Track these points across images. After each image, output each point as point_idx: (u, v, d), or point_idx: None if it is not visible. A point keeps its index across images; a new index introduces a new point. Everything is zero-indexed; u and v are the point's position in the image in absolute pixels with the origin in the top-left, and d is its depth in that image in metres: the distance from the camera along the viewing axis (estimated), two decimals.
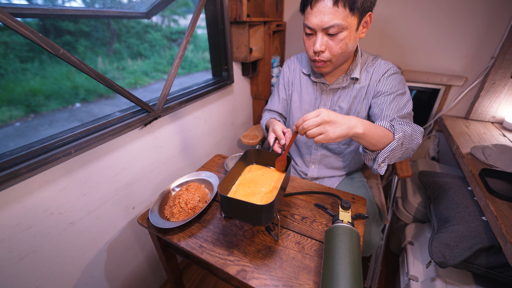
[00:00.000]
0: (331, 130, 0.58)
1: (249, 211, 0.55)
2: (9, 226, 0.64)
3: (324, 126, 0.58)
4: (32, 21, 0.74)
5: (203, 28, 1.27)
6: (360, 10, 0.68)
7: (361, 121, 0.63)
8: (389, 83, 0.80)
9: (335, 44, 0.72)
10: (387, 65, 0.83)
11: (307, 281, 0.54)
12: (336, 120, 0.59)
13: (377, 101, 0.81)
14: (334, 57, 0.75)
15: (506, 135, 1.17)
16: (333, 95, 0.90)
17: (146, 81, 1.29)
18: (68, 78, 0.94)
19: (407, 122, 0.74)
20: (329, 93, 0.90)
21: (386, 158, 0.67)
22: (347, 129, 0.60)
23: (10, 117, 0.80)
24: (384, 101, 0.79)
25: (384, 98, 0.80)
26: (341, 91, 0.88)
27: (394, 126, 0.68)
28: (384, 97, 0.80)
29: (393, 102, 0.77)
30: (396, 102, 0.77)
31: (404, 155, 0.71)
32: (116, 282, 1.00)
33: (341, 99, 0.89)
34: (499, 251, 0.77)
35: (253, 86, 1.63)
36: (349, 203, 0.63)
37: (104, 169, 0.85)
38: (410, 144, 0.69)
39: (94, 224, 0.85)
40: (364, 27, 0.74)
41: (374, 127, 0.65)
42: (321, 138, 0.59)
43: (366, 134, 0.62)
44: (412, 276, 0.97)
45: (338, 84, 0.87)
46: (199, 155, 1.34)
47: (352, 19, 0.68)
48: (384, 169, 0.69)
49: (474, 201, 0.95)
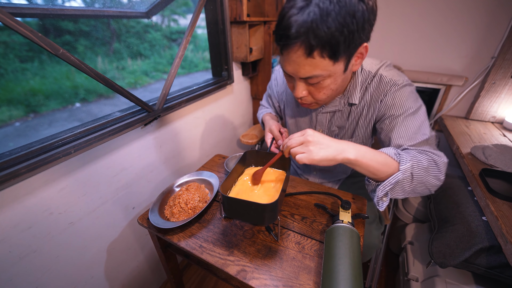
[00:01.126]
0: (314, 151, 0.53)
1: (252, 211, 0.55)
2: (9, 226, 0.64)
3: (308, 146, 0.54)
4: (32, 21, 0.74)
5: (203, 28, 1.27)
6: (347, 53, 0.53)
7: (355, 146, 0.56)
8: (395, 103, 0.64)
9: (317, 91, 0.61)
10: (390, 80, 0.66)
11: (307, 281, 0.54)
12: (321, 141, 0.54)
13: (382, 127, 0.68)
14: (320, 101, 0.65)
15: (506, 135, 1.17)
16: (330, 115, 0.79)
17: (146, 81, 1.29)
18: (68, 78, 0.94)
19: (426, 150, 0.60)
20: (326, 115, 0.79)
21: (389, 192, 0.57)
22: (334, 152, 0.54)
23: (10, 117, 0.80)
24: (390, 127, 0.65)
25: (389, 123, 0.65)
26: (338, 112, 0.77)
27: (401, 155, 0.57)
28: (389, 121, 0.65)
29: (401, 127, 0.63)
30: (405, 126, 0.62)
31: (419, 190, 0.58)
32: (116, 282, 1.00)
33: (340, 119, 0.78)
34: (499, 251, 0.77)
35: (253, 86, 1.63)
36: (349, 203, 0.63)
37: (104, 169, 0.85)
38: (426, 177, 0.56)
39: (94, 224, 0.85)
40: (358, 58, 0.59)
41: (373, 153, 0.56)
42: (303, 157, 0.54)
43: (360, 161, 0.55)
44: (412, 276, 0.97)
45: (334, 107, 0.75)
46: (199, 155, 1.34)
47: (337, 66, 0.55)
48: (385, 204, 0.59)
49: (474, 201, 0.95)
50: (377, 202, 0.59)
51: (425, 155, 0.58)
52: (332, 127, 0.80)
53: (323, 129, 0.82)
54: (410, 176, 0.55)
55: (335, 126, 0.80)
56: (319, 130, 0.83)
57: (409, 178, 0.55)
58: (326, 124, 0.81)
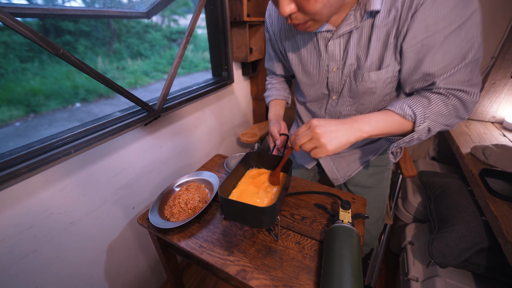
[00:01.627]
0: (326, 142, 0.50)
1: (250, 213, 0.54)
2: (9, 226, 0.64)
3: (319, 139, 0.50)
4: (32, 21, 0.74)
5: (203, 28, 1.27)
6: None
7: (364, 120, 0.52)
8: (432, 13, 0.46)
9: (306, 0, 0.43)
10: None
11: (307, 281, 0.54)
12: (330, 129, 0.50)
13: (412, 50, 0.51)
14: (317, 14, 0.46)
15: (506, 135, 1.17)
16: (345, 41, 0.59)
17: (146, 81, 1.29)
18: (68, 78, 0.94)
19: (456, 89, 0.50)
20: (339, 41, 0.59)
21: (403, 146, 0.56)
22: (346, 136, 0.50)
23: (10, 117, 0.80)
24: (422, 52, 0.50)
25: (422, 44, 0.49)
26: (356, 32, 0.56)
27: (416, 111, 0.50)
28: (422, 41, 0.49)
29: (438, 52, 0.48)
30: (444, 50, 0.47)
31: (440, 129, 0.54)
32: (116, 282, 1.00)
33: (359, 45, 0.57)
34: (499, 251, 0.77)
35: (253, 86, 1.63)
36: (349, 203, 0.63)
37: (104, 169, 0.85)
38: (446, 122, 0.52)
39: (94, 224, 0.85)
40: None
41: (385, 120, 0.52)
42: (317, 152, 0.51)
43: (374, 134, 0.52)
44: (412, 276, 0.97)
45: (349, 25, 0.55)
46: (199, 155, 1.34)
47: None
48: (399, 156, 0.59)
49: (474, 201, 0.95)
50: (392, 154, 0.59)
51: (452, 98, 0.51)
52: (350, 59, 0.60)
53: (337, 65, 0.63)
54: (426, 130, 0.53)
55: (353, 57, 0.59)
56: (333, 68, 0.64)
57: (426, 132, 0.53)
58: (340, 57, 0.61)
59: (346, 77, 0.64)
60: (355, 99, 0.68)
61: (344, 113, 0.74)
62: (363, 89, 0.63)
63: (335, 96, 0.71)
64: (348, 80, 0.64)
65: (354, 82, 0.63)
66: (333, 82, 0.68)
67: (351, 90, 0.66)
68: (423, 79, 0.53)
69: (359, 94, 0.65)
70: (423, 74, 0.52)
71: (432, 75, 0.51)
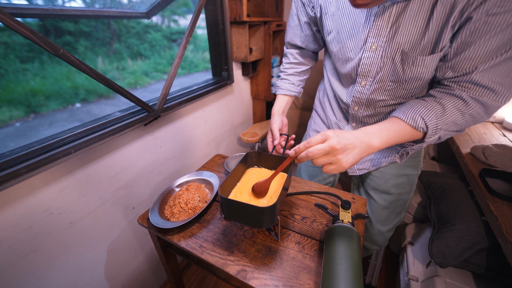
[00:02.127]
0: (343, 159, 0.46)
1: (250, 213, 0.54)
2: (9, 226, 0.64)
3: (336, 156, 0.46)
4: (32, 21, 0.74)
5: (203, 28, 1.27)
6: None
7: (375, 133, 0.49)
8: None
9: None
10: None
11: (308, 281, 0.54)
12: (347, 144, 0.46)
13: (471, 31, 0.43)
14: None
15: (506, 135, 1.17)
16: (399, 14, 0.49)
17: (146, 81, 1.29)
18: (68, 78, 0.94)
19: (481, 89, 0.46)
20: (390, 11, 0.49)
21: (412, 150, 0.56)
22: (360, 151, 0.48)
23: (10, 117, 0.80)
24: (481, 29, 0.42)
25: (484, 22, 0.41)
26: (411, 7, 0.47)
27: (428, 125, 0.48)
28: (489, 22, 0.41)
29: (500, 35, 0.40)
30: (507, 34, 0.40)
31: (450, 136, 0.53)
32: (116, 282, 1.00)
33: (412, 23, 0.48)
34: (499, 251, 0.77)
35: (253, 86, 1.64)
36: (349, 203, 0.63)
37: (104, 169, 0.85)
38: (460, 127, 0.50)
39: (94, 224, 0.85)
40: None
41: (396, 132, 0.49)
42: (332, 169, 0.47)
43: (385, 145, 0.50)
44: (412, 276, 0.97)
45: None
46: (199, 155, 1.34)
47: None
48: (405, 159, 0.60)
49: (474, 201, 0.95)
50: (399, 156, 0.57)
51: (472, 105, 0.47)
52: (399, 37, 0.50)
53: (378, 43, 0.53)
54: (437, 139, 0.51)
55: (404, 35, 0.49)
56: (372, 46, 0.55)
57: (436, 140, 0.51)
58: (386, 32, 0.51)
59: (388, 60, 0.54)
60: (397, 84, 0.57)
61: (378, 103, 0.64)
62: (411, 75, 0.54)
63: (363, 82, 0.61)
64: (390, 63, 0.54)
65: (400, 66, 0.53)
66: (366, 64, 0.58)
67: (393, 74, 0.56)
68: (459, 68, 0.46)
69: (404, 80, 0.55)
70: (465, 59, 0.45)
71: (473, 64, 0.45)
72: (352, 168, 0.81)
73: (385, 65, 0.56)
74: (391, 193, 0.83)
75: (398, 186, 0.81)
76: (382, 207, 0.86)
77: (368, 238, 0.95)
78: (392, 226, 0.91)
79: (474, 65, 0.45)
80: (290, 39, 0.80)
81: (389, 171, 0.80)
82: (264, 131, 1.50)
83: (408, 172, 0.80)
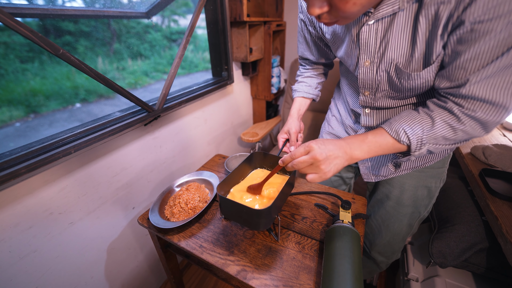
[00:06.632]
0: (326, 169, 0.48)
1: (246, 215, 0.54)
2: (9, 226, 0.64)
3: (318, 167, 0.48)
4: (32, 21, 0.74)
5: (203, 28, 1.27)
6: None
7: (357, 144, 0.51)
8: None
9: (342, 1, 0.39)
10: None
11: (308, 281, 0.54)
12: (329, 154, 0.48)
13: (459, 40, 0.41)
14: (351, 14, 0.41)
15: (506, 135, 1.17)
16: (383, 30, 0.49)
17: (146, 81, 1.29)
18: (68, 78, 0.94)
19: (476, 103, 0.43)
20: (376, 27, 0.49)
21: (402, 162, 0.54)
22: (343, 161, 0.50)
23: (10, 117, 0.80)
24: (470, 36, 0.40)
25: (471, 29, 0.39)
26: (401, 15, 0.46)
27: (411, 140, 0.48)
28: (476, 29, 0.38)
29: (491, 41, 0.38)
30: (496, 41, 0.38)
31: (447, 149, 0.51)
32: (116, 282, 1.00)
33: (400, 36, 0.47)
34: (499, 251, 0.77)
35: (253, 86, 1.64)
36: (349, 203, 0.63)
37: (104, 169, 0.85)
38: (453, 143, 0.49)
39: (94, 224, 0.85)
40: None
41: (378, 144, 0.51)
42: (315, 178, 0.49)
43: (368, 157, 0.52)
44: (412, 276, 0.97)
45: (391, 5, 0.45)
46: (199, 155, 1.34)
47: None
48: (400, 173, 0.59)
49: (474, 201, 0.95)
50: (393, 165, 0.57)
51: (465, 121, 0.45)
52: (390, 52, 0.50)
53: (371, 59, 0.54)
54: (425, 151, 0.50)
55: (395, 50, 0.49)
56: (365, 62, 0.55)
57: (425, 152, 0.50)
58: (375, 48, 0.51)
59: (384, 73, 0.54)
60: (399, 92, 0.57)
61: (386, 106, 0.64)
62: (409, 87, 0.53)
63: (367, 92, 0.62)
64: (386, 76, 0.55)
65: (397, 80, 0.54)
66: (364, 79, 0.59)
67: (393, 86, 0.56)
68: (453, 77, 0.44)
69: (406, 89, 0.55)
70: (457, 67, 0.43)
71: (465, 74, 0.42)
72: (368, 175, 0.78)
73: (382, 79, 0.56)
74: (406, 204, 0.76)
75: (416, 199, 0.75)
76: (395, 219, 0.80)
77: (376, 248, 0.90)
78: (401, 238, 0.85)
79: (466, 75, 0.43)
80: (302, 54, 0.81)
81: (408, 181, 0.74)
82: (264, 131, 1.50)
83: (429, 184, 0.73)
